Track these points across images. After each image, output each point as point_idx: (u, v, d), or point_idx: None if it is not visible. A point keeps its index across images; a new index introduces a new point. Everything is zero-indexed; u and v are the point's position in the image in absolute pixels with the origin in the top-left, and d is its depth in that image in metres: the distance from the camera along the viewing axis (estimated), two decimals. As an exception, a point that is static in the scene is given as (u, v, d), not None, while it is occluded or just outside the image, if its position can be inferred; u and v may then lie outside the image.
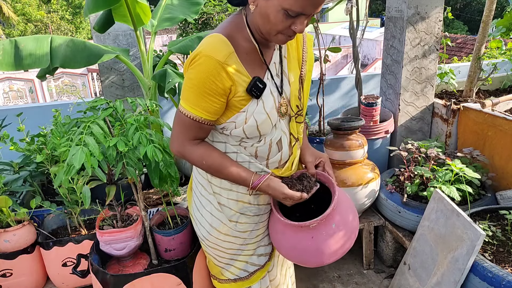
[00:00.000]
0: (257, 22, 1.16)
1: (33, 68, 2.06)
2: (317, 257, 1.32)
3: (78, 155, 1.32)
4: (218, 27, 1.25)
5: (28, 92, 12.37)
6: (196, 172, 1.47)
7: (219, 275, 1.58)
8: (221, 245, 1.46)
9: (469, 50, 10.01)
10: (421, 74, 2.67)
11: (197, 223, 1.50)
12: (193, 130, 1.24)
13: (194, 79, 1.16)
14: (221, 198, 1.40)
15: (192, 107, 1.19)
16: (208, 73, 1.14)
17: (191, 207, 1.57)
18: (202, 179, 1.43)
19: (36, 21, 19.08)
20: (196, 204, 1.49)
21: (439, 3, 2.53)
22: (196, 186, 1.48)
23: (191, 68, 1.16)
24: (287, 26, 1.12)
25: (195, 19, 2.67)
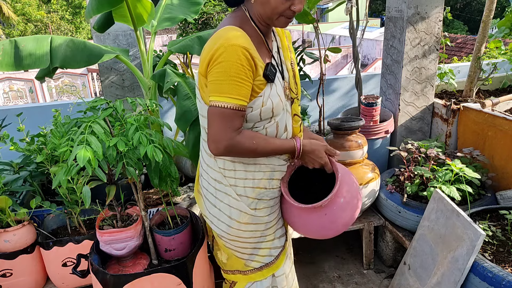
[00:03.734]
0: (259, 12, 1.28)
1: (33, 68, 2.06)
2: (333, 229, 1.48)
3: (82, 154, 1.32)
4: (224, 23, 1.32)
5: (28, 92, 12.37)
6: (207, 168, 1.47)
7: (244, 268, 1.57)
8: (243, 236, 1.48)
9: (469, 50, 10.01)
10: (421, 74, 2.67)
11: (215, 219, 1.50)
12: (236, 120, 1.26)
13: (226, 69, 1.20)
14: (237, 188, 1.42)
15: (231, 97, 1.22)
16: (237, 59, 1.20)
17: (203, 206, 1.56)
18: (215, 173, 1.43)
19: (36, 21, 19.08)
20: (211, 200, 1.49)
21: (439, 3, 2.53)
22: (209, 183, 1.47)
23: (218, 62, 1.21)
24: (287, 7, 1.24)
25: (195, 19, 2.67)
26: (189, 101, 1.95)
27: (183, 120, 1.92)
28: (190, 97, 1.97)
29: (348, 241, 2.73)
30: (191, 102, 1.95)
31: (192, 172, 2.41)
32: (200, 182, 1.56)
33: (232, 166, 1.41)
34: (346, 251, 2.67)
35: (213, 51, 1.21)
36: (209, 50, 1.23)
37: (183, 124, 1.92)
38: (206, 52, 1.25)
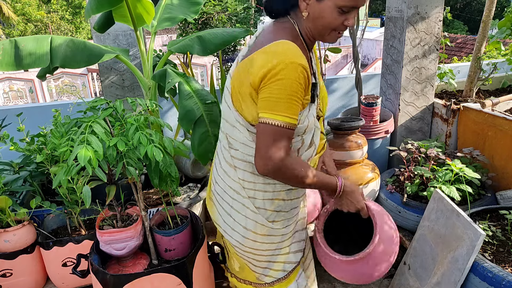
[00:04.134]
0: (310, 27, 1.25)
1: (33, 68, 2.06)
2: (371, 276, 1.44)
3: (83, 153, 1.32)
4: (274, 35, 1.24)
5: (28, 92, 12.37)
6: (225, 176, 1.42)
7: (256, 281, 1.53)
8: (259, 248, 1.43)
9: (469, 50, 10.01)
10: (421, 74, 2.67)
11: (229, 229, 1.45)
12: (289, 140, 1.22)
13: (285, 86, 1.15)
14: (256, 201, 1.38)
15: (286, 116, 1.18)
16: (297, 77, 1.16)
17: (216, 215, 1.51)
18: (234, 183, 1.39)
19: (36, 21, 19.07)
20: (226, 209, 1.44)
21: (439, 3, 2.53)
22: (225, 191, 1.43)
23: (277, 79, 1.15)
24: (340, 23, 1.20)
25: (195, 19, 2.67)
26: (191, 100, 1.95)
27: (186, 119, 1.92)
28: (192, 96, 1.97)
29: (348, 241, 2.73)
30: (193, 102, 1.95)
31: (192, 172, 2.41)
32: (213, 189, 1.51)
33: (252, 178, 1.37)
34: (346, 251, 2.67)
35: (271, 65, 1.15)
36: (264, 64, 1.17)
37: (186, 123, 1.92)
38: (260, 66, 1.18)
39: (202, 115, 1.94)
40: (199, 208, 2.30)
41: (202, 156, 1.93)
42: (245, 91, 1.25)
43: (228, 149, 1.38)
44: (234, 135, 1.34)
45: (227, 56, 3.28)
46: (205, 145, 1.92)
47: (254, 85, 1.21)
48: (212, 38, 2.22)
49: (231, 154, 1.38)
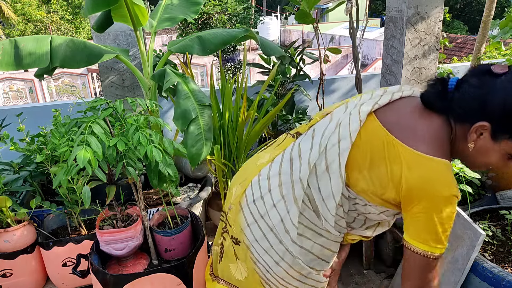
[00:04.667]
0: (466, 153, 1.11)
1: (33, 68, 2.06)
2: None
3: (82, 154, 1.32)
4: (428, 142, 1.08)
5: (28, 92, 12.36)
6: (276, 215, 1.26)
7: None
8: (287, 279, 1.32)
9: (469, 50, 10.01)
10: (421, 74, 2.67)
11: (260, 250, 1.32)
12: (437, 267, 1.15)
13: (446, 221, 1.06)
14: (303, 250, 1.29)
15: (440, 248, 1.09)
16: (455, 211, 1.07)
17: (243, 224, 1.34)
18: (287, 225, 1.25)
19: (36, 21, 19.05)
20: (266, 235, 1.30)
21: (439, 3, 2.53)
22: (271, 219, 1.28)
23: (439, 211, 1.05)
24: (501, 165, 1.10)
25: (195, 19, 2.67)
26: (188, 100, 1.96)
27: (182, 119, 1.92)
28: (189, 96, 1.97)
29: (348, 241, 2.73)
30: (191, 102, 1.95)
31: (192, 172, 2.41)
32: (249, 200, 1.32)
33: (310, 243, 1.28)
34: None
35: (433, 192, 1.04)
36: (425, 192, 1.05)
37: (181, 123, 1.92)
38: (419, 188, 1.05)
39: (197, 116, 1.94)
40: (199, 208, 2.30)
41: (193, 157, 1.93)
42: (380, 174, 1.11)
43: (304, 189, 1.22)
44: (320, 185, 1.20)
45: (227, 56, 3.27)
46: (198, 147, 1.92)
47: (405, 204, 1.11)
48: (212, 38, 2.22)
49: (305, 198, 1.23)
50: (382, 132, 1.11)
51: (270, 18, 18.49)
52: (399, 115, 1.15)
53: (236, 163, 2.36)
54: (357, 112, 1.17)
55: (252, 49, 12.76)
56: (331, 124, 1.22)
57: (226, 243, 1.48)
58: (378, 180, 1.12)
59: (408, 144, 1.07)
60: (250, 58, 11.66)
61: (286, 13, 20.05)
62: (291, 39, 17.90)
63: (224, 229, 1.49)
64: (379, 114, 1.16)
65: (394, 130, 1.11)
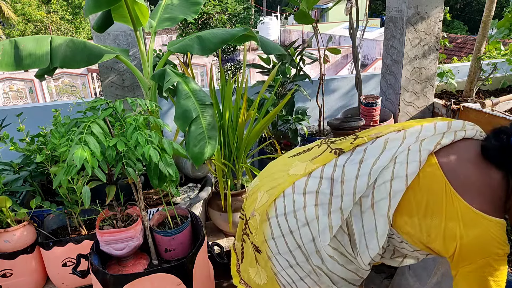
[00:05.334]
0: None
1: (33, 68, 2.05)
2: None
3: (79, 154, 1.32)
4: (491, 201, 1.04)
5: (28, 92, 12.36)
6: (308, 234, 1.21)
7: None
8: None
9: (469, 50, 10.01)
10: (421, 74, 2.67)
11: (285, 263, 1.27)
12: None
13: (499, 278, 1.04)
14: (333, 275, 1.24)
15: None
16: (506, 268, 1.06)
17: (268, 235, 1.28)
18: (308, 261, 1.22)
19: (36, 21, 19.05)
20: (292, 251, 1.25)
21: (439, 3, 2.53)
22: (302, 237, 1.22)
23: (493, 268, 1.03)
24: None
25: (194, 19, 2.67)
26: (189, 100, 1.95)
27: (182, 119, 1.92)
28: (190, 96, 1.97)
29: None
30: (191, 101, 1.95)
31: (192, 172, 2.41)
32: (279, 212, 1.24)
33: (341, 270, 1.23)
34: (346, 251, 2.67)
35: (488, 253, 1.01)
36: (482, 249, 1.02)
37: (182, 123, 1.92)
38: (475, 248, 1.02)
39: (198, 116, 1.93)
40: (199, 208, 2.30)
41: (196, 157, 1.93)
42: (434, 225, 1.06)
43: (343, 221, 1.16)
44: (364, 220, 1.14)
45: (227, 56, 3.27)
46: (200, 147, 1.92)
47: (457, 250, 1.06)
48: (212, 37, 2.22)
49: (343, 227, 1.18)
50: (442, 181, 1.05)
51: (270, 18, 18.50)
52: (460, 162, 1.08)
53: (236, 163, 2.36)
54: (418, 150, 1.09)
55: (252, 49, 12.76)
56: (386, 155, 1.13)
57: (247, 245, 1.42)
58: (428, 230, 1.06)
59: (466, 199, 1.02)
60: (250, 58, 11.67)
61: (286, 13, 20.04)
62: (291, 39, 17.91)
63: (244, 230, 1.43)
64: (440, 156, 1.08)
65: (453, 180, 1.05)
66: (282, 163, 1.37)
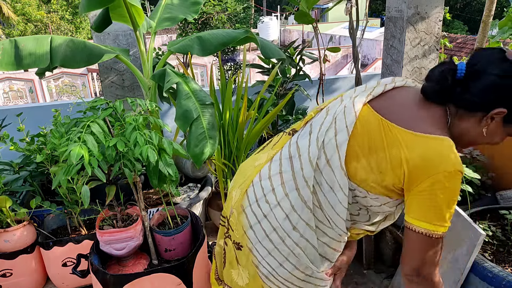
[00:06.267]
0: (468, 133, 1.12)
1: (33, 67, 2.06)
2: None
3: (76, 151, 1.31)
4: (430, 124, 1.09)
5: (28, 92, 12.36)
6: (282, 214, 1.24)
7: None
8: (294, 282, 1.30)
9: (469, 50, 10.01)
10: (421, 74, 2.66)
11: (263, 251, 1.29)
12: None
13: (451, 197, 1.06)
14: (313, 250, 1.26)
15: (445, 226, 1.10)
16: (459, 187, 1.08)
17: (246, 226, 1.29)
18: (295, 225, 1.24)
19: (36, 21, 19.04)
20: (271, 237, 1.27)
21: (439, 3, 2.53)
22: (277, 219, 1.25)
23: (443, 187, 1.04)
24: (495, 144, 1.15)
25: (194, 19, 2.67)
26: (189, 100, 1.95)
27: (183, 119, 1.92)
28: (190, 96, 1.97)
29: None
30: (192, 102, 1.95)
31: (192, 172, 2.41)
32: (251, 200, 1.30)
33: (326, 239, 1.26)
34: (346, 251, 2.67)
35: (435, 170, 1.03)
36: (429, 167, 1.03)
37: (183, 123, 1.92)
38: (421, 166, 1.04)
39: (199, 116, 1.93)
40: (199, 208, 2.30)
41: (196, 157, 1.93)
42: (379, 160, 1.11)
43: (310, 189, 1.20)
44: (326, 179, 1.20)
45: (227, 56, 3.28)
46: (201, 147, 1.92)
47: (407, 175, 1.08)
48: (212, 38, 2.22)
49: (312, 197, 1.22)
50: (377, 118, 1.12)
51: (270, 18, 18.49)
52: (394, 102, 1.16)
53: (236, 163, 2.36)
54: (352, 104, 1.18)
55: (252, 49, 12.75)
56: (327, 119, 1.23)
57: (228, 248, 1.46)
58: (376, 166, 1.11)
59: (405, 127, 1.08)
60: (250, 58, 11.66)
61: (286, 13, 20.06)
62: (291, 39, 17.90)
63: (226, 234, 1.46)
64: (373, 104, 1.17)
65: (389, 115, 1.11)
66: (250, 160, 1.43)
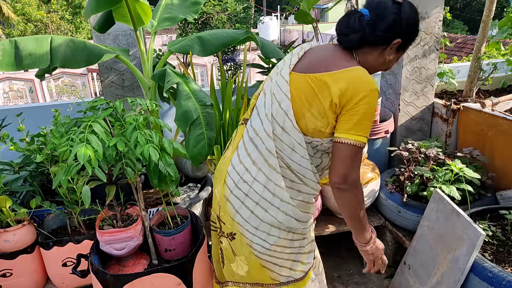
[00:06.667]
0: (374, 63, 1.39)
1: (33, 68, 2.06)
2: None
3: (83, 152, 1.32)
4: (347, 61, 1.34)
5: (28, 92, 12.36)
6: (263, 178, 1.42)
7: (269, 281, 1.53)
8: (287, 245, 1.47)
9: (469, 50, 10.01)
10: (421, 74, 2.67)
11: (252, 229, 1.45)
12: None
13: (370, 110, 1.28)
14: (293, 208, 1.43)
15: (365, 136, 1.29)
16: (376, 103, 1.32)
17: (232, 213, 1.47)
18: (276, 187, 1.40)
19: (36, 21, 19.04)
20: (255, 211, 1.43)
21: (439, 3, 2.53)
22: (256, 192, 1.42)
23: (364, 103, 1.26)
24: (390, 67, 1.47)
25: (194, 19, 2.67)
26: (189, 101, 1.95)
27: (183, 120, 1.92)
28: (190, 97, 1.97)
29: (348, 241, 2.73)
30: (192, 102, 1.95)
31: (192, 172, 2.41)
32: (231, 186, 1.47)
33: (299, 187, 1.44)
34: (346, 251, 2.67)
35: (359, 90, 1.26)
36: (354, 90, 1.26)
37: (182, 123, 1.92)
38: (346, 90, 1.27)
39: (199, 117, 1.94)
40: (199, 208, 2.30)
41: (195, 157, 1.93)
42: (318, 106, 1.32)
43: (275, 157, 1.39)
44: (286, 143, 1.38)
45: (227, 56, 3.27)
46: (200, 147, 1.93)
47: (338, 103, 1.28)
48: (212, 39, 2.22)
49: (280, 162, 1.40)
50: (303, 77, 1.36)
51: (270, 18, 18.49)
52: (311, 61, 1.39)
53: (236, 163, 2.36)
54: (281, 77, 1.40)
55: (252, 49, 12.75)
56: (267, 97, 1.43)
57: (224, 246, 1.57)
58: (318, 112, 1.32)
59: (326, 71, 1.32)
60: (250, 58, 11.66)
61: (286, 13, 20.05)
62: (291, 39, 17.89)
63: (219, 234, 1.60)
64: (295, 70, 1.40)
65: (311, 70, 1.36)
66: (221, 159, 1.61)
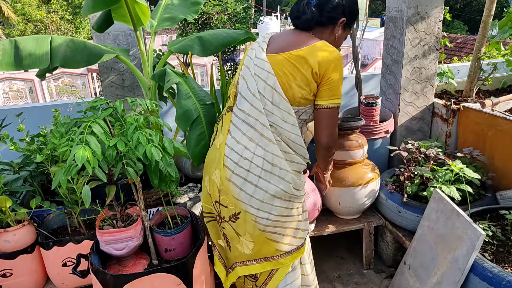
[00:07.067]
0: (327, 41, 1.57)
1: (33, 68, 2.06)
2: None
3: (81, 154, 1.32)
4: (310, 39, 1.56)
5: (28, 92, 12.36)
6: (261, 151, 1.55)
7: (274, 253, 1.65)
8: (289, 214, 1.63)
9: (469, 50, 10.01)
10: (421, 74, 2.66)
11: (257, 203, 1.56)
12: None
13: (341, 75, 1.52)
14: (288, 173, 1.60)
15: (340, 98, 1.55)
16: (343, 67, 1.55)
17: (236, 191, 1.57)
18: (274, 156, 1.55)
19: (36, 21, 19.04)
20: (259, 184, 1.55)
21: (439, 3, 2.52)
22: (257, 166, 1.54)
23: (337, 70, 1.50)
24: (340, 44, 1.68)
25: (194, 19, 2.67)
26: (189, 100, 1.95)
27: (183, 119, 1.91)
28: (191, 96, 1.97)
29: (348, 241, 2.73)
30: (192, 102, 1.95)
31: (192, 172, 2.41)
32: (231, 167, 1.57)
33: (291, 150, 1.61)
34: (346, 251, 2.67)
35: (337, 58, 1.50)
36: (328, 60, 1.48)
37: (183, 123, 1.92)
38: (322, 61, 1.48)
39: (199, 116, 1.93)
40: (199, 208, 2.30)
41: (196, 157, 1.93)
42: (301, 77, 1.50)
43: (270, 129, 1.55)
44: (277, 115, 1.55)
45: (227, 56, 3.27)
46: (201, 147, 1.92)
47: (318, 72, 1.49)
48: (212, 39, 2.22)
49: (274, 135, 1.56)
50: (281, 56, 1.53)
51: (270, 18, 18.46)
52: (279, 43, 1.59)
53: (236, 163, 2.36)
54: (259, 59, 1.56)
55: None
56: (249, 80, 1.56)
57: (227, 230, 1.67)
58: (302, 82, 1.51)
59: (298, 48, 1.52)
60: (250, 58, 11.60)
61: (286, 13, 20.04)
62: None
63: (218, 221, 1.70)
64: (269, 52, 1.58)
65: (285, 49, 1.54)
66: (210, 151, 1.73)
